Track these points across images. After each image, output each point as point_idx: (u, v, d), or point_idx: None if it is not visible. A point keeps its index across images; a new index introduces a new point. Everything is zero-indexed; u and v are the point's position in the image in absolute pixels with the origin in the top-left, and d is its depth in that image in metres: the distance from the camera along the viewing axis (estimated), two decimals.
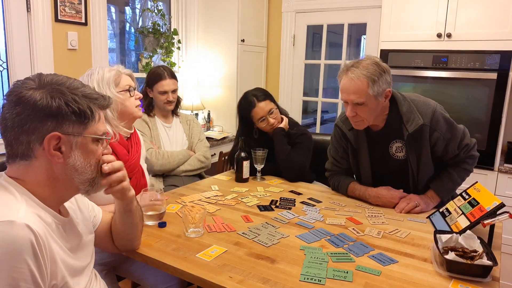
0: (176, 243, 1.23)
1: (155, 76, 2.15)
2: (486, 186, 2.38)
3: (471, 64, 2.30)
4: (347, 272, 1.07)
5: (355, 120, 1.54)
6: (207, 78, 3.48)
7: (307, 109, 4.08)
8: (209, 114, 3.49)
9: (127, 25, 3.40)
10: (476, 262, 1.05)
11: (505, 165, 2.32)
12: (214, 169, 2.61)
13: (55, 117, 0.81)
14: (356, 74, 1.44)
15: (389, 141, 1.62)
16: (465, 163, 1.60)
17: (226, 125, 3.43)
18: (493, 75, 2.24)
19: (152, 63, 3.11)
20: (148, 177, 1.68)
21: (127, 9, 3.39)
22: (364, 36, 3.27)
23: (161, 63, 3.22)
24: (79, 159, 0.86)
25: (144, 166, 1.64)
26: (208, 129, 3.45)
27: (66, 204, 0.97)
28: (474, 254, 1.10)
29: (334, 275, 1.06)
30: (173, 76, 2.18)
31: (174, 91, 2.17)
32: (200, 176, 2.22)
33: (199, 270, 1.07)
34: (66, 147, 0.84)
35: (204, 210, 1.32)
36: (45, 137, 0.81)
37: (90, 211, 1.11)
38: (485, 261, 1.05)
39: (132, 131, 1.60)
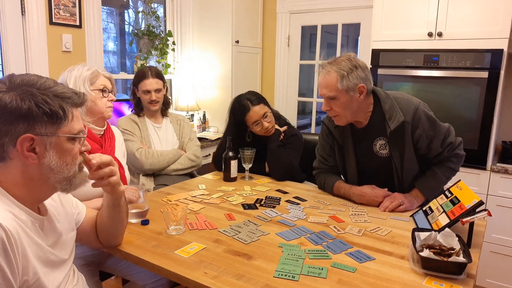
0: (157, 240, 1.25)
1: (139, 75, 2.15)
2: (478, 185, 2.37)
3: (462, 63, 2.29)
4: (322, 269, 1.08)
5: (331, 115, 1.61)
6: (202, 79, 3.50)
7: (304, 110, 4.08)
8: (204, 115, 3.51)
9: (129, 27, 3.44)
10: (450, 259, 1.05)
11: (498, 164, 2.30)
12: (207, 170, 2.62)
13: (26, 119, 0.82)
14: (327, 69, 1.52)
15: (373, 138, 1.62)
16: (450, 161, 1.60)
17: (222, 126, 3.44)
18: (484, 74, 2.23)
19: (147, 64, 3.14)
20: (127, 170, 1.74)
21: (129, 11, 3.43)
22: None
23: (156, 64, 3.25)
24: (54, 159, 0.87)
25: (121, 159, 1.70)
26: (203, 130, 3.47)
27: (47, 201, 0.97)
28: (451, 251, 1.10)
29: (308, 272, 1.06)
30: (157, 76, 2.15)
31: (158, 90, 2.14)
32: (192, 176, 2.23)
33: (176, 266, 1.09)
34: (40, 147, 0.85)
35: (185, 207, 1.33)
36: (18, 139, 0.82)
37: (74, 207, 1.12)
38: (459, 258, 1.05)
39: (104, 127, 1.65)
